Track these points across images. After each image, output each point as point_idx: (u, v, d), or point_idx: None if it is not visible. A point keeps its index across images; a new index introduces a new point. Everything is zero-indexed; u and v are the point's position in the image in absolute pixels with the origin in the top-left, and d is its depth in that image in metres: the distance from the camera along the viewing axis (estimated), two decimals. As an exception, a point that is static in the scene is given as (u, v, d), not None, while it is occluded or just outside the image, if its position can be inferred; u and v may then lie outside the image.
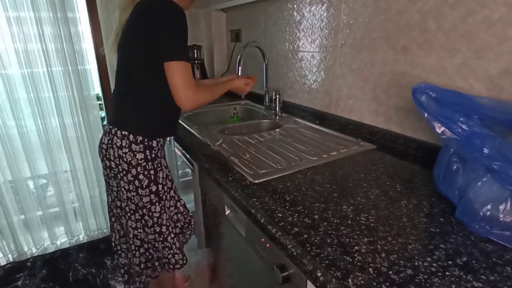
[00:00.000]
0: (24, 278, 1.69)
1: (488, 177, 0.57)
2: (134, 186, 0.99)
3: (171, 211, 1.11)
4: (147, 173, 0.99)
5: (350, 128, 1.19)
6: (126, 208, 1.05)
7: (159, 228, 1.06)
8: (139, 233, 1.08)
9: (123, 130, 0.97)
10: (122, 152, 0.97)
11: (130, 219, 1.06)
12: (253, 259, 0.79)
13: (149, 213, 1.04)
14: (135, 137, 0.96)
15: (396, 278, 0.47)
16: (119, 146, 0.97)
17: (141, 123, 0.97)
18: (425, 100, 0.67)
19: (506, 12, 0.72)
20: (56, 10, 1.57)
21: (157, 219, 1.05)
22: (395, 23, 0.97)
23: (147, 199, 1.02)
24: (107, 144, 1.00)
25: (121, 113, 1.00)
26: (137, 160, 0.97)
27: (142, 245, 1.11)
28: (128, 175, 0.98)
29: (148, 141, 0.98)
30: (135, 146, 0.97)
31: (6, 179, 1.73)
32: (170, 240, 1.09)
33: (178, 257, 1.12)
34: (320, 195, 0.72)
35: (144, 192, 1.00)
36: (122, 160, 0.97)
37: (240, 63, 1.33)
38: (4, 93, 1.60)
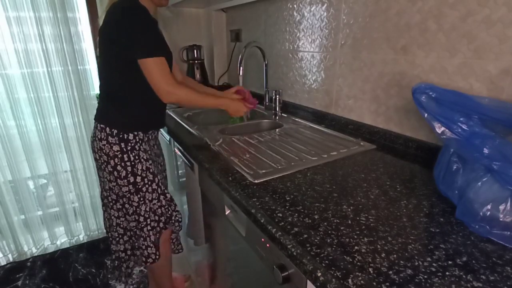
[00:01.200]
0: (24, 278, 1.69)
1: (488, 177, 0.57)
2: (113, 176, 1.07)
3: (154, 203, 1.14)
4: (124, 164, 1.06)
5: (350, 128, 1.19)
6: (109, 197, 1.14)
7: (137, 217, 1.12)
8: (121, 221, 1.17)
9: (101, 123, 1.06)
10: (102, 144, 1.05)
11: (112, 208, 1.15)
12: (253, 259, 0.79)
13: (129, 202, 1.10)
14: (111, 130, 1.04)
15: (396, 278, 0.47)
16: (99, 139, 1.06)
17: (116, 117, 1.06)
18: (425, 100, 0.67)
19: (506, 12, 0.72)
20: (56, 10, 1.57)
21: (136, 208, 1.10)
22: (395, 23, 0.97)
23: (126, 189, 1.08)
24: (92, 137, 1.10)
25: (101, 108, 1.10)
26: (113, 152, 1.05)
27: (125, 233, 1.19)
28: (108, 166, 1.06)
29: (124, 134, 1.05)
30: (111, 139, 1.05)
31: (6, 179, 1.73)
32: (146, 232, 1.13)
33: (151, 250, 1.15)
34: (320, 195, 0.72)
35: (122, 182, 1.07)
36: (102, 152, 1.06)
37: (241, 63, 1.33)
38: (4, 93, 1.60)
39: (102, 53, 1.03)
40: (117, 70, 1.02)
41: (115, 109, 1.06)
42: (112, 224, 1.19)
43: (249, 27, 1.77)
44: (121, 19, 0.94)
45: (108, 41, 0.98)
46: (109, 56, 1.01)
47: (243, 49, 1.36)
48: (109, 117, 1.07)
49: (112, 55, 1.00)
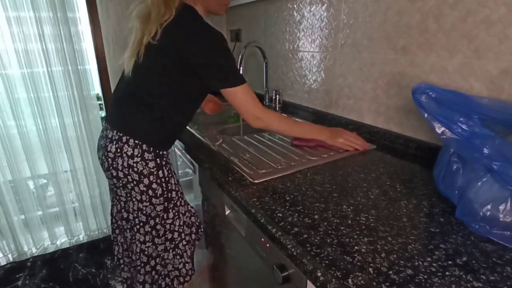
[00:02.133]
0: (24, 278, 1.69)
1: (488, 177, 0.57)
2: (147, 196, 0.95)
3: (187, 216, 1.07)
4: (160, 181, 0.95)
5: (350, 128, 1.19)
6: (136, 219, 0.99)
7: (171, 235, 1.02)
8: (147, 247, 1.01)
9: (136, 139, 0.92)
10: (133, 162, 0.92)
11: (138, 232, 1.00)
12: (253, 259, 0.79)
13: (161, 222, 0.99)
14: (148, 147, 0.93)
15: (396, 278, 0.47)
16: (130, 155, 0.92)
17: (156, 135, 0.95)
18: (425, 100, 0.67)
19: (506, 12, 0.72)
20: (56, 10, 1.57)
21: (170, 225, 1.01)
22: (395, 23, 0.97)
23: (161, 207, 0.97)
24: (114, 153, 0.93)
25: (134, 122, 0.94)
26: (149, 169, 0.93)
27: (149, 262, 1.03)
28: (140, 185, 0.94)
29: (160, 149, 0.96)
30: (148, 155, 0.93)
31: (6, 179, 1.73)
32: (181, 247, 1.04)
33: (189, 266, 1.07)
34: (320, 195, 0.72)
35: (158, 201, 0.96)
36: (132, 170, 0.92)
37: (241, 63, 1.33)
38: (4, 93, 1.60)
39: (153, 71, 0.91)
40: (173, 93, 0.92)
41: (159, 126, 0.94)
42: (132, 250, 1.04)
43: (249, 27, 1.77)
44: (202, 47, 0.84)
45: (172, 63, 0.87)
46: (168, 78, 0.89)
47: (243, 49, 1.36)
48: (147, 134, 0.93)
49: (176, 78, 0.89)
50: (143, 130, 0.93)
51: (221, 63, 0.87)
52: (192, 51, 0.85)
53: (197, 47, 0.85)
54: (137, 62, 0.91)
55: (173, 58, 0.87)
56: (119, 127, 0.94)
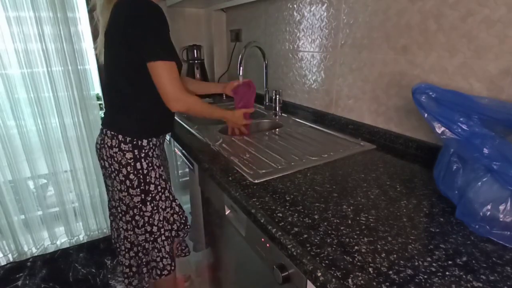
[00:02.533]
0: (24, 278, 1.69)
1: (488, 177, 0.57)
2: (125, 186, 1.00)
3: (167, 212, 1.09)
4: (137, 172, 0.99)
5: (350, 128, 1.19)
6: (118, 208, 1.07)
7: (150, 228, 1.05)
8: (129, 235, 1.08)
9: (112, 130, 0.98)
10: (113, 152, 0.98)
11: (121, 220, 1.07)
12: (253, 259, 0.79)
13: (140, 213, 1.03)
14: (124, 137, 0.97)
15: (396, 278, 0.47)
16: (109, 146, 0.98)
17: (128, 123, 0.99)
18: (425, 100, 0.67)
19: (506, 12, 0.72)
20: (56, 10, 1.57)
21: (148, 218, 1.04)
22: (395, 23, 0.97)
23: (138, 199, 1.01)
24: (100, 144, 1.02)
25: (109, 113, 1.03)
26: (126, 160, 0.98)
27: (132, 248, 1.10)
28: (120, 174, 0.99)
29: (137, 140, 0.99)
30: (124, 146, 0.98)
31: (6, 179, 1.73)
32: (160, 242, 1.07)
33: (167, 261, 1.10)
34: (320, 195, 0.72)
35: (135, 192, 1.00)
36: (113, 160, 0.99)
37: (241, 63, 1.33)
38: (4, 93, 1.60)
39: (108, 55, 0.96)
40: (127, 73, 0.94)
41: (127, 114, 0.98)
42: (119, 235, 1.12)
43: (249, 27, 1.77)
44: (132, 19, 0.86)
45: (117, 43, 0.91)
46: (117, 58, 0.94)
47: (243, 49, 1.36)
48: (120, 123, 0.99)
49: (122, 57, 0.92)
50: (116, 120, 1.00)
51: (146, 35, 0.87)
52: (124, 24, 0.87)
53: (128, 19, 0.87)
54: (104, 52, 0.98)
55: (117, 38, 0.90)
56: (103, 121, 1.04)
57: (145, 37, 0.87)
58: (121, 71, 0.95)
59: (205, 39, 2.10)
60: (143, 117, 1.00)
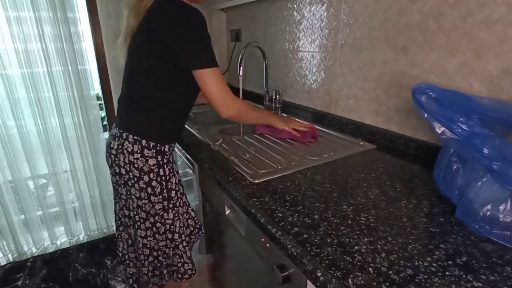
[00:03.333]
0: (24, 278, 1.69)
1: (488, 177, 0.57)
2: (146, 194, 0.95)
3: (184, 217, 1.07)
4: (160, 179, 0.95)
5: (350, 128, 1.19)
6: (136, 217, 1.00)
7: (171, 235, 1.02)
8: (149, 241, 1.03)
9: (135, 135, 0.93)
10: (134, 158, 0.93)
11: (139, 228, 1.01)
12: (253, 259, 0.79)
13: (161, 220, 0.99)
14: (148, 142, 0.93)
15: (396, 278, 0.47)
16: (130, 151, 0.93)
17: (154, 128, 0.94)
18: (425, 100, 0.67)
19: (506, 12, 0.72)
20: (56, 10, 1.57)
21: (170, 226, 1.00)
22: (395, 23, 0.97)
23: (160, 206, 0.97)
24: (116, 150, 0.94)
25: (133, 118, 0.96)
26: (149, 166, 0.93)
27: (151, 253, 1.06)
28: (140, 182, 0.94)
29: (161, 146, 0.95)
30: (148, 151, 0.93)
31: (6, 179, 1.73)
32: (181, 248, 1.05)
33: (188, 266, 1.07)
34: (320, 195, 0.72)
35: (157, 199, 0.96)
36: (133, 166, 0.93)
37: (241, 63, 1.33)
38: (4, 93, 1.60)
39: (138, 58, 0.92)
40: (159, 78, 0.91)
41: (151, 119, 0.94)
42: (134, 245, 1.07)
43: (249, 27, 1.77)
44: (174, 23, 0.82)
45: (152, 46, 0.87)
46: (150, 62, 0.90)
47: (243, 49, 1.36)
48: (144, 128, 0.94)
49: (156, 61, 0.88)
50: (141, 125, 0.94)
51: (193, 42, 0.85)
52: (166, 30, 0.84)
53: (171, 25, 0.83)
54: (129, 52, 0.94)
55: (154, 41, 0.87)
56: (121, 124, 0.96)
57: (192, 44, 0.84)
58: (152, 75, 0.91)
59: (205, 39, 2.10)
60: (166, 123, 0.96)
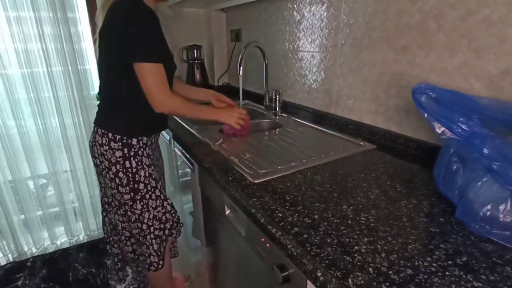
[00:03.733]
0: (24, 278, 1.69)
1: (488, 177, 0.57)
2: (115, 184, 1.03)
3: (158, 211, 1.10)
4: (125, 171, 1.02)
5: (350, 128, 1.19)
6: (112, 203, 1.11)
7: (140, 225, 1.08)
8: (126, 225, 1.14)
9: (103, 128, 1.01)
10: (103, 150, 1.01)
11: (116, 213, 1.13)
12: (253, 259, 0.79)
13: (131, 209, 1.06)
14: (114, 135, 1.00)
15: (396, 278, 0.47)
16: (100, 144, 1.01)
17: (119, 122, 1.01)
18: (425, 100, 0.67)
19: (506, 12, 0.72)
20: (56, 10, 1.57)
21: (138, 216, 1.07)
22: (395, 23, 0.97)
23: (128, 197, 1.04)
24: (92, 142, 1.05)
25: (101, 112, 1.05)
26: (116, 158, 1.01)
27: (132, 236, 1.17)
28: (110, 172, 1.02)
29: (127, 139, 1.01)
30: (114, 144, 1.00)
31: (6, 179, 1.73)
32: (149, 240, 1.10)
33: (153, 259, 1.12)
34: (320, 195, 0.72)
35: (124, 189, 1.03)
36: (103, 158, 1.01)
37: (241, 63, 1.33)
38: (4, 93, 1.60)
39: (102, 55, 0.99)
40: (118, 73, 0.97)
41: (117, 113, 1.02)
42: (116, 228, 1.17)
43: (249, 27, 1.77)
44: (123, 19, 0.89)
45: (108, 42, 0.94)
46: (109, 58, 0.97)
47: (243, 49, 1.36)
48: (111, 122, 1.02)
49: (113, 57, 0.95)
50: (108, 119, 1.03)
51: (133, 36, 0.89)
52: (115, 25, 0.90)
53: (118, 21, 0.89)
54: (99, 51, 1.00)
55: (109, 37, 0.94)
56: (95, 119, 1.06)
57: (134, 38, 0.89)
58: (114, 71, 0.97)
59: (205, 39, 2.10)
60: (134, 116, 1.02)
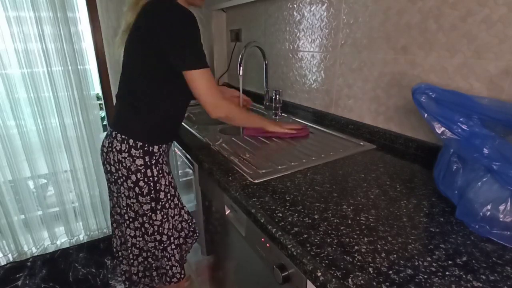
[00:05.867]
0: (24, 278, 1.69)
1: (488, 177, 0.57)
2: (134, 193, 0.96)
3: (176, 219, 1.06)
4: (147, 179, 0.96)
5: (350, 128, 1.19)
6: (125, 215, 1.02)
7: (160, 237, 1.02)
8: (138, 241, 1.05)
9: (123, 134, 0.94)
10: (122, 157, 0.94)
11: (128, 227, 1.03)
12: (253, 259, 0.79)
13: (149, 221, 1.00)
14: (135, 142, 0.94)
15: (396, 278, 0.47)
16: (118, 150, 0.94)
17: (142, 128, 0.95)
18: (425, 100, 0.67)
19: (506, 12, 0.72)
20: (56, 10, 1.57)
21: (158, 227, 1.01)
22: (395, 23, 0.97)
23: (148, 207, 0.98)
24: (107, 147, 0.97)
25: (122, 116, 0.98)
26: (136, 166, 0.94)
27: (141, 254, 1.07)
28: (128, 181, 0.95)
29: (149, 146, 0.95)
30: (135, 151, 0.94)
31: (6, 179, 1.73)
32: (170, 251, 1.05)
33: (176, 270, 1.07)
34: (320, 195, 0.72)
35: (144, 199, 0.97)
36: (121, 165, 0.94)
37: (241, 63, 1.33)
38: (4, 93, 1.60)
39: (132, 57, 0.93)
40: (152, 78, 0.92)
41: (142, 119, 0.95)
42: (125, 243, 1.08)
43: (249, 27, 1.77)
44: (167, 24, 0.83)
45: (145, 46, 0.88)
46: (143, 62, 0.91)
47: (243, 49, 1.36)
48: (132, 127, 0.95)
49: (149, 61, 0.89)
50: (129, 124, 0.96)
51: (183, 43, 0.86)
52: (156, 30, 0.85)
53: (163, 25, 0.84)
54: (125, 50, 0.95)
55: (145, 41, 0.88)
56: (113, 122, 0.99)
57: (181, 45, 0.85)
58: (145, 75, 0.92)
59: (205, 39, 2.10)
60: (158, 123, 0.97)
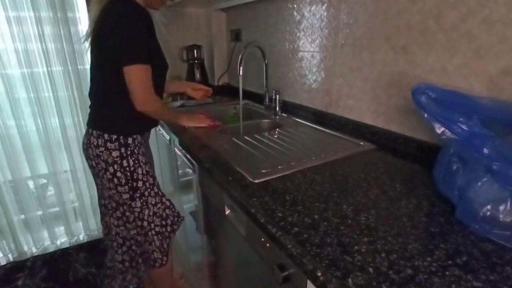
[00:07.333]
0: (24, 278, 1.69)
1: (488, 177, 0.57)
2: (113, 184, 1.03)
3: (158, 208, 1.12)
4: (123, 170, 1.03)
5: (350, 128, 1.19)
6: (109, 205, 1.10)
7: (140, 223, 1.09)
8: (121, 230, 1.12)
9: (98, 129, 1.02)
10: (99, 151, 1.01)
11: (112, 217, 1.11)
12: (253, 259, 0.79)
13: (129, 209, 1.07)
14: (110, 136, 1.01)
15: (396, 278, 0.47)
16: (95, 145, 1.02)
17: (113, 121, 1.02)
18: (425, 100, 0.67)
19: (506, 12, 0.72)
20: (56, 10, 1.57)
21: (138, 213, 1.07)
22: (395, 23, 0.97)
23: (127, 196, 1.05)
24: (86, 144, 1.06)
25: (95, 113, 1.06)
26: (113, 158, 1.01)
27: (124, 243, 1.14)
28: (107, 173, 1.03)
29: (123, 138, 1.02)
30: (110, 144, 1.01)
31: (6, 179, 1.73)
32: (150, 236, 1.11)
33: (157, 255, 1.14)
34: (320, 195, 0.72)
35: (123, 189, 1.04)
36: (100, 159, 1.02)
37: (241, 63, 1.33)
38: (4, 93, 1.60)
39: (95, 54, 0.99)
40: (110, 73, 0.97)
41: (111, 113, 1.02)
42: (110, 232, 1.15)
43: (249, 27, 1.77)
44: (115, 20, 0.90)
45: (104, 42, 0.94)
46: (105, 58, 0.97)
47: (243, 49, 1.36)
48: (105, 122, 1.03)
49: (109, 57, 0.95)
50: (102, 120, 1.04)
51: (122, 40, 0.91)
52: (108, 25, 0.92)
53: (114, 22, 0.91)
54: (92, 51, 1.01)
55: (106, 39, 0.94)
56: (88, 120, 1.07)
57: (122, 42, 0.91)
58: (108, 71, 0.98)
59: (205, 39, 2.10)
60: (128, 116, 1.02)
